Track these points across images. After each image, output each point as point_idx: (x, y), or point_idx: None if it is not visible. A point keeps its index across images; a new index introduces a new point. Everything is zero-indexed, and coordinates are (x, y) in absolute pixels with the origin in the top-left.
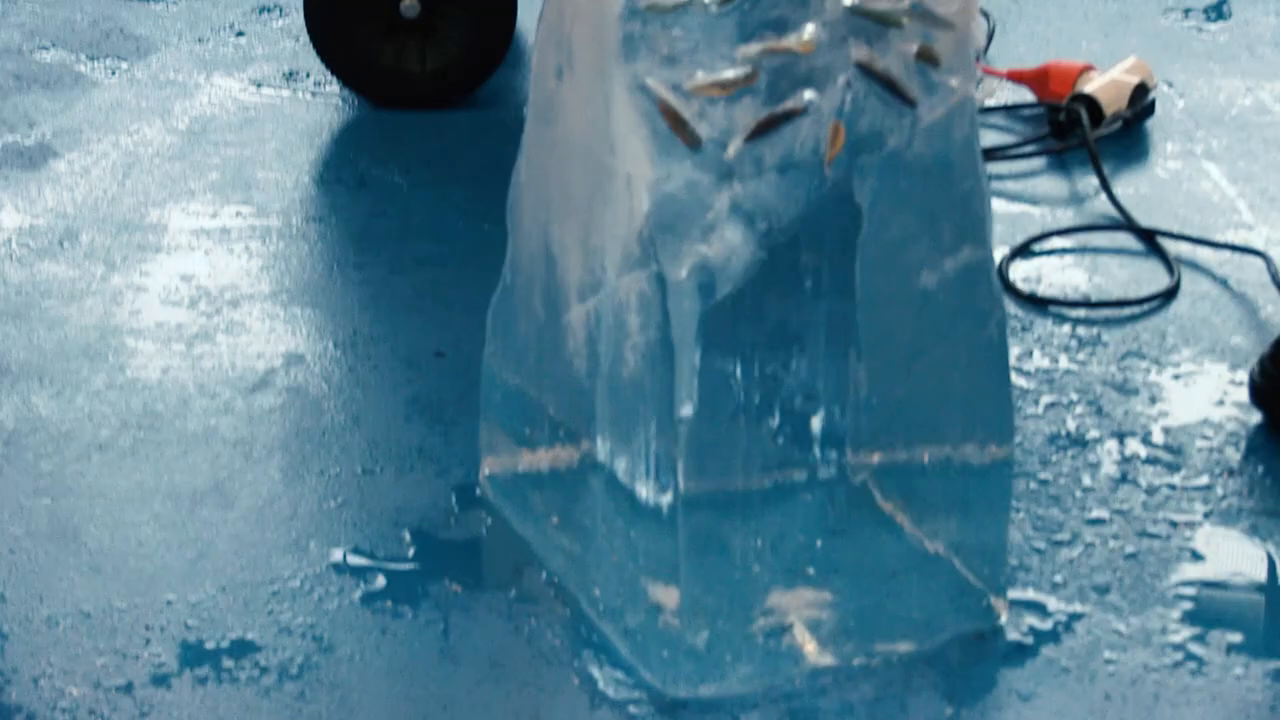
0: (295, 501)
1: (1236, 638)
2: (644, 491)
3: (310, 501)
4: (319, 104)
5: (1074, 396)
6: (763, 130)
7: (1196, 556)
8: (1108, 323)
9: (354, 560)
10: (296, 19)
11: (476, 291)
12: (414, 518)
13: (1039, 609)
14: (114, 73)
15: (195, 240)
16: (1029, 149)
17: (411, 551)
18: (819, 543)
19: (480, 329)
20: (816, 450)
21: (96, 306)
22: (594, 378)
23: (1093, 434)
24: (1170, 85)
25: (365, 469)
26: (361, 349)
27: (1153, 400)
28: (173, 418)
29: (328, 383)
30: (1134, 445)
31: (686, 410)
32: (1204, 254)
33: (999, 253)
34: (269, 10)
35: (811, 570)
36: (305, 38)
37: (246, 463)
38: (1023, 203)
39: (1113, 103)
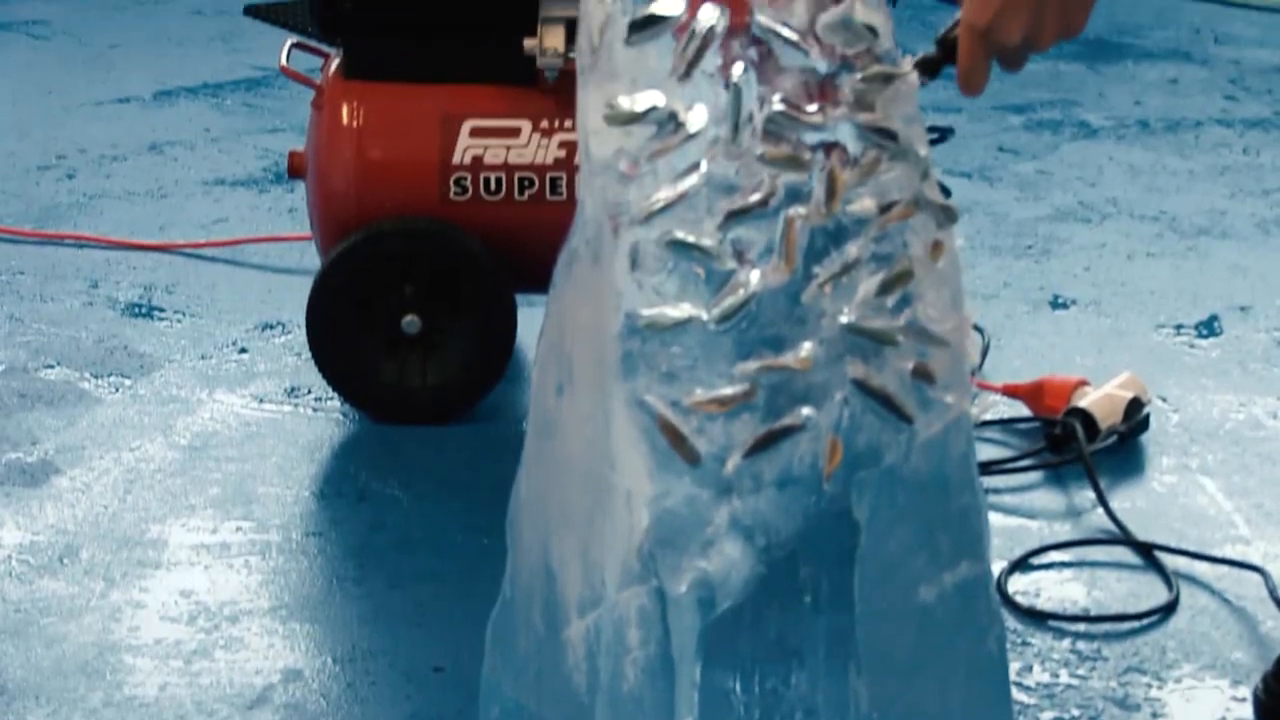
0: None
1: None
2: None
3: None
4: (320, 419)
5: (1075, 712)
6: (761, 446)
7: None
8: (1107, 637)
9: None
10: (299, 335)
11: (476, 606)
12: None
13: None
14: (117, 390)
15: (195, 556)
16: (1025, 463)
17: None
18: None
19: (480, 643)
20: None
21: (95, 623)
22: (594, 693)
23: None
24: (1164, 400)
25: None
26: (360, 665)
27: (1155, 716)
28: None
29: (326, 699)
30: None
31: None
32: (1202, 569)
33: (997, 566)
34: (271, 327)
35: None
36: (307, 354)
37: None
38: (1020, 516)
39: (1108, 417)
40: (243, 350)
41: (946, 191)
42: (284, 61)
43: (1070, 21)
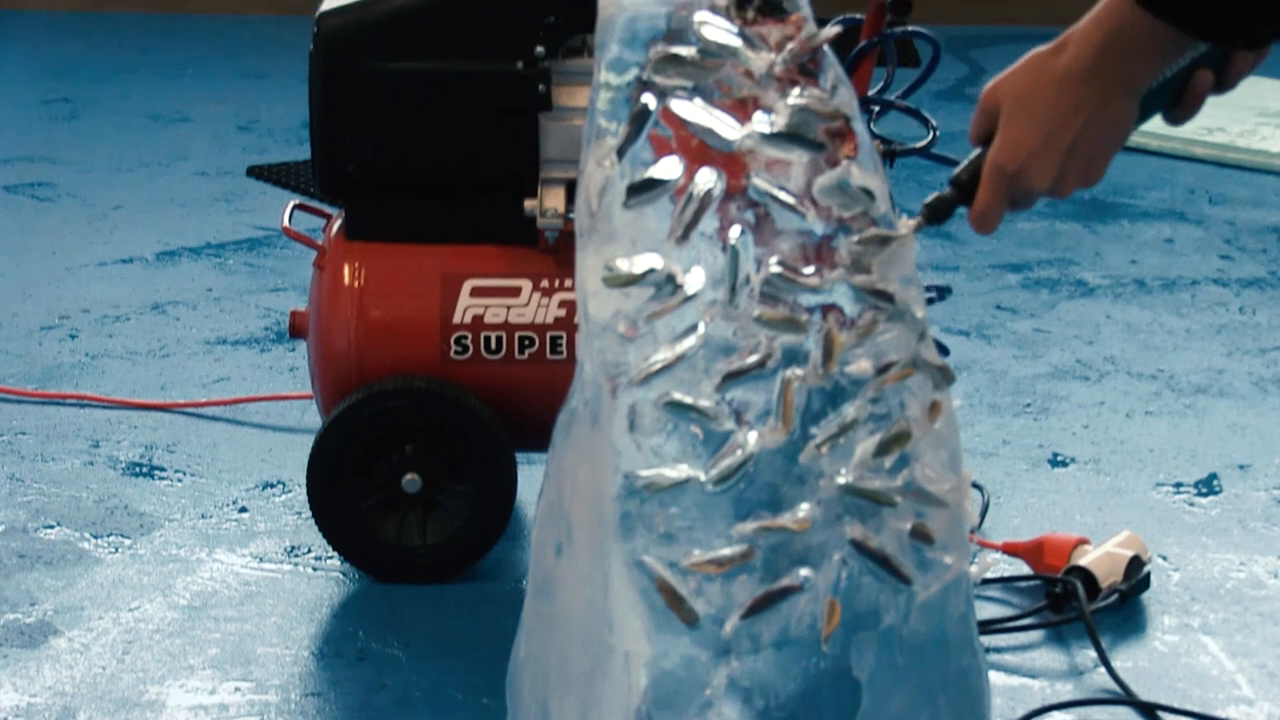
0: None
1: None
2: None
3: None
4: (320, 578)
5: None
6: (759, 607)
7: None
8: None
9: None
10: (299, 494)
11: None
12: None
13: None
14: (117, 549)
15: (193, 717)
16: (1026, 622)
17: None
18: None
19: None
20: None
21: None
22: None
23: None
24: (1164, 559)
25: None
26: None
27: None
28: None
29: None
30: None
31: None
32: None
33: None
34: (272, 486)
35: None
36: (308, 513)
37: None
38: (1021, 676)
39: (1108, 575)
40: (243, 509)
41: (944, 350)
42: (286, 222)
43: (1090, 171)
